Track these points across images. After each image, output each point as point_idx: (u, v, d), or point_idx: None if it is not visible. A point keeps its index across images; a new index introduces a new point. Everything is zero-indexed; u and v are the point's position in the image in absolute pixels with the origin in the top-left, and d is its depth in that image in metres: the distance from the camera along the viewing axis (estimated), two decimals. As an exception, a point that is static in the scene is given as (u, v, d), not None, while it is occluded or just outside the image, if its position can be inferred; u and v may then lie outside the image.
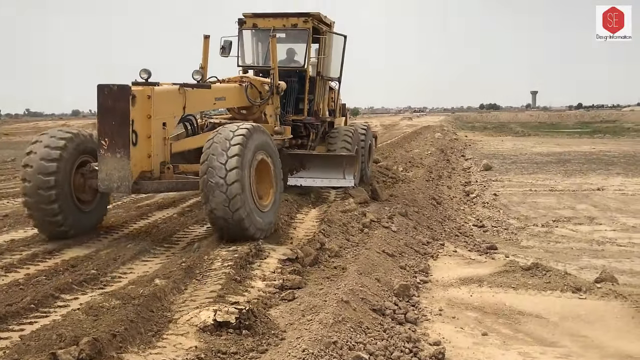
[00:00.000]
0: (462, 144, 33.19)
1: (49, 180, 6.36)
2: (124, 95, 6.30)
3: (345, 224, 7.92)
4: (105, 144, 6.32)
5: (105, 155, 6.33)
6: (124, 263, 5.82)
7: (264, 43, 10.16)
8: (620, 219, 10.78)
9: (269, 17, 10.21)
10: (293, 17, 10.05)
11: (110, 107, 6.34)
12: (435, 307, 5.44)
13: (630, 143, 32.20)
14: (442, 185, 14.79)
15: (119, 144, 6.30)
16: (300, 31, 10.03)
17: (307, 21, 9.97)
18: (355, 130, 11.18)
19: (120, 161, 6.30)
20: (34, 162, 6.44)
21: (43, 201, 6.38)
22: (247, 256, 5.65)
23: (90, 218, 7.14)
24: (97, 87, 6.39)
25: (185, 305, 4.53)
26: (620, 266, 7.69)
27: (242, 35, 10.30)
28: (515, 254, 8.19)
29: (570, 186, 15.02)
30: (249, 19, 10.22)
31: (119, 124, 6.31)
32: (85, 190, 6.91)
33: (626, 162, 20.99)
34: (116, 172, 6.31)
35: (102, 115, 6.38)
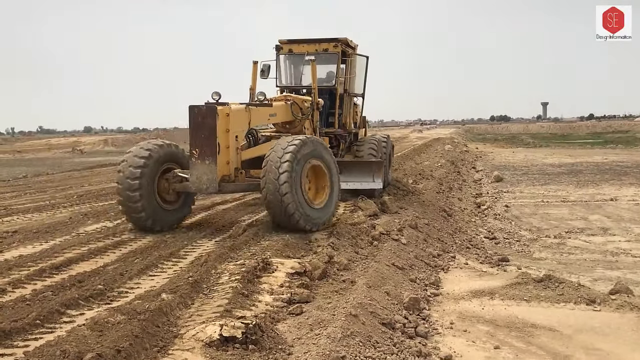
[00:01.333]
0: (472, 155, 33.03)
1: (134, 184, 7.82)
2: (212, 113, 7.82)
3: (355, 236, 7.85)
4: (196, 153, 7.86)
5: (195, 162, 7.86)
6: (131, 278, 5.78)
7: (298, 66, 11.52)
8: (634, 229, 10.60)
9: (303, 43, 11.39)
10: (324, 42, 11.23)
11: (200, 123, 7.86)
12: (447, 320, 5.35)
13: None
14: (452, 197, 14.67)
15: (208, 152, 7.81)
16: (331, 55, 11.20)
17: (336, 46, 11.15)
18: (379, 140, 12.45)
19: (208, 167, 7.80)
20: (124, 169, 7.98)
21: (130, 200, 7.85)
22: (254, 270, 5.59)
23: (173, 215, 8.50)
24: (188, 107, 7.92)
25: (192, 320, 4.48)
26: (636, 277, 7.53)
27: (279, 60, 11.47)
28: (527, 266, 8.06)
29: (583, 197, 14.83)
30: (285, 45, 11.41)
31: (207, 137, 7.82)
32: (169, 192, 8.33)
33: (639, 172, 20.74)
34: (205, 176, 7.80)
35: (193, 130, 7.92)
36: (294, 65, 11.63)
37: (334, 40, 11.20)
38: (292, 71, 11.66)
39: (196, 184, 7.92)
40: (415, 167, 19.28)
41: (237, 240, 7.27)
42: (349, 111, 11.94)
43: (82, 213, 10.03)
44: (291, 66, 11.65)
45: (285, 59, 11.56)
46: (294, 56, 11.51)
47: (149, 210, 7.97)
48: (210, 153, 7.81)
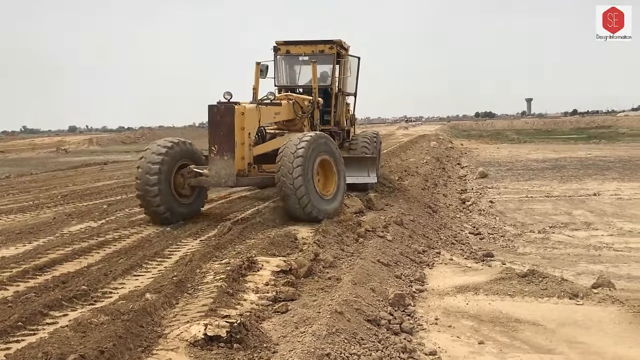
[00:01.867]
0: (457, 152, 33.21)
1: (153, 179, 8.34)
2: (230, 112, 8.40)
3: (340, 234, 7.85)
4: (215, 149, 8.40)
5: (215, 158, 8.40)
6: (115, 278, 5.73)
7: (295, 66, 12.09)
8: (616, 223, 10.73)
9: (300, 45, 11.83)
10: (320, 44, 11.68)
11: (218, 121, 8.42)
12: (431, 316, 5.38)
13: (625, 148, 32.24)
14: (438, 193, 14.74)
15: (226, 148, 8.37)
16: (327, 56, 11.63)
17: (332, 47, 11.59)
18: (371, 136, 12.91)
19: (227, 162, 8.36)
20: (142, 165, 8.46)
21: (148, 194, 8.34)
22: (239, 269, 5.58)
23: (188, 209, 9.02)
24: (208, 106, 8.49)
25: (176, 319, 4.46)
26: (618, 271, 7.63)
27: (277, 60, 11.87)
28: (511, 261, 8.13)
29: (567, 192, 14.98)
30: (283, 46, 11.81)
31: (225, 134, 8.38)
32: (184, 187, 8.80)
33: (622, 167, 20.98)
34: (223, 170, 8.36)
35: (212, 128, 8.48)
36: (292, 65, 12.12)
37: (329, 42, 11.63)
38: (290, 71, 12.14)
39: (215, 178, 8.49)
40: (401, 164, 19.32)
41: (222, 239, 7.24)
42: (342, 109, 12.45)
43: (66, 213, 9.94)
44: (288, 66, 12.10)
45: (283, 59, 11.96)
46: (291, 57, 11.94)
47: (166, 203, 8.49)
48: (228, 149, 8.38)
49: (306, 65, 11.69)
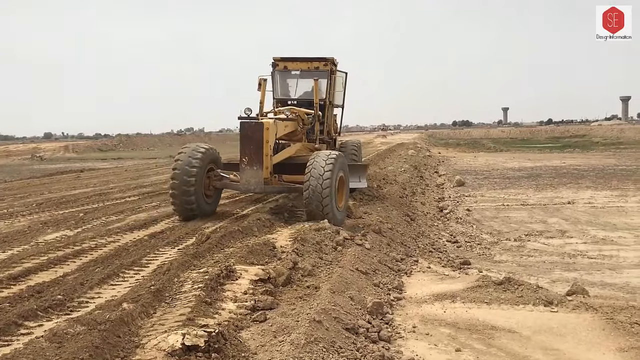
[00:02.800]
0: (435, 160, 33.50)
1: (190, 180, 9.44)
2: (259, 127, 9.37)
3: (319, 242, 7.86)
4: (245, 160, 9.41)
5: (245, 168, 9.43)
6: (91, 287, 5.68)
7: (292, 80, 12.80)
8: (590, 231, 10.92)
9: (297, 61, 12.55)
10: (315, 61, 12.43)
11: (249, 136, 9.40)
12: (409, 324, 5.42)
13: (599, 157, 32.85)
14: (416, 201, 14.84)
15: (255, 160, 9.37)
16: (321, 72, 12.31)
17: (326, 64, 12.33)
18: (357, 145, 14.45)
19: (256, 172, 9.36)
20: (180, 167, 9.52)
21: (185, 193, 9.45)
22: (218, 277, 5.56)
23: (210, 207, 10.19)
24: (240, 122, 9.57)
25: (154, 329, 4.43)
26: (591, 278, 7.77)
27: (277, 75, 12.53)
28: (488, 269, 8.23)
29: (542, 200, 15.20)
30: (280, 62, 12.50)
31: (255, 147, 9.36)
32: (209, 188, 10.03)
33: (595, 175, 21.36)
34: (253, 179, 9.39)
35: (243, 141, 9.47)
36: (290, 79, 12.85)
37: (323, 59, 12.39)
38: (287, 85, 12.88)
39: (245, 185, 9.62)
40: (379, 172, 19.37)
41: (201, 247, 7.21)
42: (331, 120, 13.20)
43: (41, 222, 9.81)
44: (285, 81, 12.81)
45: (281, 74, 12.62)
46: (287, 72, 12.64)
47: (197, 201, 9.62)
48: (257, 160, 9.37)
49: (302, 80, 12.59)
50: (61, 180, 19.76)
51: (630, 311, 5.57)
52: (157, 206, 11.65)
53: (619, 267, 8.36)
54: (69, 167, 29.14)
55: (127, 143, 70.79)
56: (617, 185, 18.00)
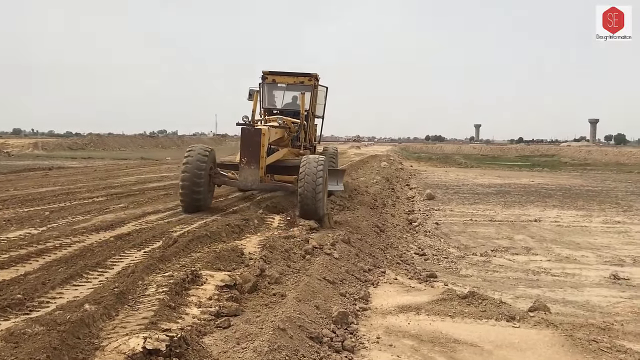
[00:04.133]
0: (407, 173, 33.78)
1: (201, 174, 10.69)
2: (258, 133, 10.82)
3: (288, 250, 7.86)
4: (244, 161, 10.80)
5: (244, 167, 10.80)
6: (53, 287, 5.56)
7: (278, 92, 14.42)
8: (555, 249, 11.12)
9: (284, 75, 14.12)
10: (301, 76, 14.02)
11: (248, 140, 10.81)
12: (373, 334, 5.43)
13: (567, 177, 33.53)
14: (386, 213, 14.94)
15: (253, 161, 10.75)
16: (306, 86, 13.90)
17: (310, 79, 13.92)
18: (336, 152, 16.13)
19: (254, 171, 10.76)
20: (191, 163, 10.72)
21: (195, 186, 10.63)
22: (183, 282, 5.51)
23: (209, 201, 11.40)
24: (241, 129, 10.98)
25: (115, 332, 4.36)
26: (554, 295, 7.90)
27: (265, 87, 14.01)
28: (454, 283, 8.31)
29: (509, 217, 15.44)
30: (269, 76, 13.99)
31: (253, 150, 10.74)
32: (209, 184, 11.19)
33: (562, 195, 21.79)
34: (250, 177, 10.78)
35: (243, 144, 10.89)
36: (277, 92, 14.42)
37: (308, 75, 13.95)
38: (274, 96, 14.44)
39: (244, 182, 11.01)
40: (351, 183, 19.47)
41: (167, 251, 7.13)
42: (313, 129, 14.67)
43: (4, 219, 9.57)
44: (272, 92, 14.35)
45: (269, 86, 14.13)
46: (275, 85, 14.20)
47: (204, 194, 10.88)
48: (255, 161, 10.75)
49: (287, 92, 14.31)
50: (28, 178, 19.35)
51: (589, 329, 5.69)
52: (125, 207, 11.50)
53: (580, 285, 8.53)
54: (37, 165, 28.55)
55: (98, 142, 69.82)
56: (582, 205, 18.39)
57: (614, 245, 11.63)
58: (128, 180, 18.86)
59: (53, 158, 38.86)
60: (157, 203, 12.43)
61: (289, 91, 14.36)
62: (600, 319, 6.68)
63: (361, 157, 43.54)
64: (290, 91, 14.38)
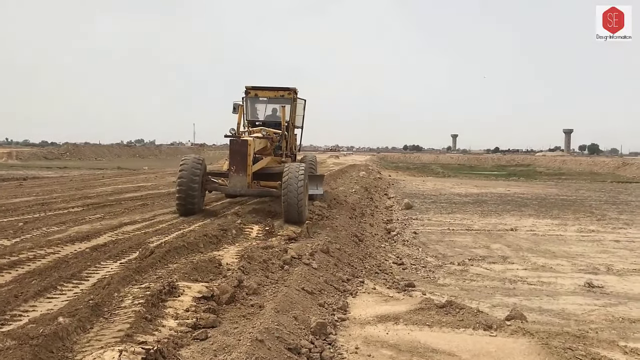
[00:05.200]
0: (385, 183, 33.93)
1: (195, 179, 12.11)
2: (245, 144, 12.02)
3: (266, 260, 7.83)
4: (234, 169, 12.03)
5: (233, 175, 12.05)
6: (26, 300, 5.47)
7: (260, 105, 15.52)
8: (531, 258, 11.24)
9: (265, 90, 15.21)
10: (281, 90, 15.16)
11: (237, 150, 12.00)
12: (352, 345, 5.43)
13: (542, 186, 34.00)
14: (364, 222, 14.97)
15: (241, 169, 12.00)
16: (286, 99, 15.07)
17: (290, 93, 15.07)
18: (314, 159, 17.44)
19: (242, 178, 12.01)
20: (186, 170, 12.12)
21: (190, 190, 12.02)
22: (159, 293, 5.45)
23: (201, 205, 12.70)
24: (230, 140, 12.18)
25: (90, 345, 4.30)
26: (530, 304, 7.98)
27: (248, 100, 15.10)
28: (432, 292, 8.34)
29: (486, 226, 15.58)
30: (252, 90, 15.10)
31: (241, 159, 11.99)
32: (202, 190, 12.56)
33: (538, 204, 22.07)
34: (239, 183, 12.03)
35: (232, 154, 12.07)
36: (259, 105, 15.50)
37: (288, 89, 15.07)
38: (256, 109, 15.50)
39: (233, 188, 12.23)
40: (330, 192, 19.48)
41: (144, 262, 7.05)
42: (293, 139, 15.75)
43: (-24, 230, 9.40)
44: (255, 105, 15.44)
45: (251, 100, 15.22)
46: (257, 98, 15.29)
47: (198, 199, 12.28)
48: (243, 169, 11.99)
49: (269, 105, 15.41)
50: (2, 188, 19.01)
51: (564, 337, 5.75)
52: (102, 218, 11.36)
53: (556, 293, 8.62)
54: (11, 175, 28.12)
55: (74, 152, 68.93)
56: (557, 214, 18.64)
57: (588, 253, 11.80)
58: (104, 190, 18.64)
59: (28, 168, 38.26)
60: (134, 213, 12.31)
61: (270, 104, 15.48)
62: (576, 326, 6.77)
63: (340, 167, 43.64)
64: (271, 104, 15.49)
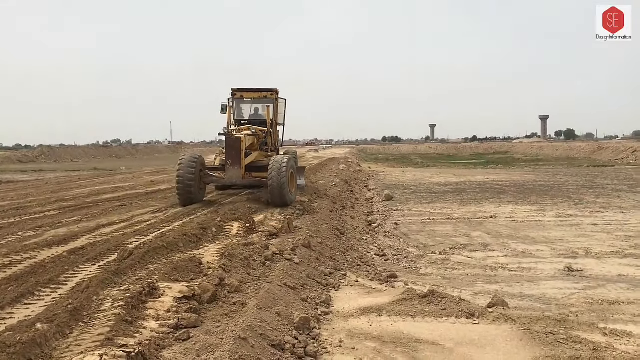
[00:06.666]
0: (365, 175, 34.01)
1: (192, 171, 13.93)
2: (238, 141, 14.09)
3: (247, 257, 7.78)
4: (230, 163, 13.99)
5: (229, 167, 14.03)
6: (2, 307, 5.36)
7: (245, 105, 17.30)
8: (511, 245, 11.34)
9: (250, 91, 16.94)
10: (264, 91, 16.91)
11: (231, 146, 14.03)
12: (336, 338, 5.42)
13: (520, 173, 34.34)
14: (346, 215, 14.98)
15: (236, 162, 13.98)
16: (269, 99, 16.87)
17: (272, 94, 16.84)
18: (295, 153, 19.77)
19: (237, 170, 14.00)
20: (184, 163, 14.05)
21: (187, 186, 13.85)
22: (139, 295, 5.38)
23: (201, 196, 14.61)
24: (225, 138, 14.46)
25: (70, 350, 4.23)
26: (511, 290, 8.04)
27: (234, 101, 16.81)
28: (414, 282, 8.37)
29: (466, 214, 15.68)
30: (238, 92, 16.79)
31: (235, 153, 13.98)
32: (200, 183, 14.43)
33: (516, 190, 22.29)
34: (234, 175, 14.06)
35: (227, 149, 14.15)
36: (245, 105, 17.25)
37: (270, 90, 16.80)
38: (241, 109, 17.21)
39: (229, 179, 14.32)
40: (310, 186, 19.48)
41: (123, 264, 6.96)
42: (276, 135, 17.40)
43: (-51, 237, 9.20)
44: (240, 106, 17.14)
45: (237, 101, 16.91)
46: (242, 99, 17.00)
47: (195, 191, 14.05)
48: (237, 162, 13.98)
49: (253, 105, 17.20)
50: (-25, 194, 18.65)
51: (545, 322, 5.80)
52: (79, 221, 11.20)
53: (536, 279, 8.71)
54: (-16, 180, 27.57)
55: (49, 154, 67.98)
56: (536, 200, 18.84)
57: (567, 238, 11.94)
58: (81, 192, 18.40)
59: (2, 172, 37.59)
60: (111, 215, 12.17)
61: (254, 104, 17.26)
62: (556, 311, 6.84)
63: (320, 161, 43.63)
64: (255, 104, 17.27)
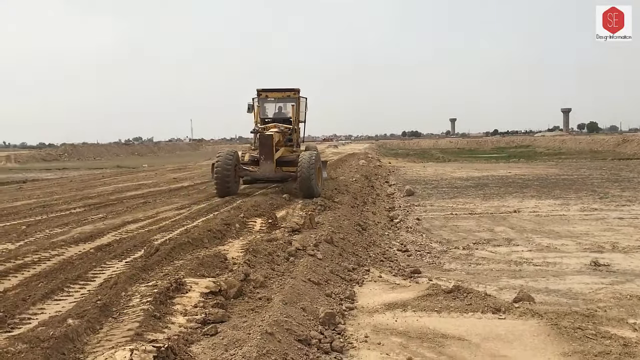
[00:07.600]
0: (385, 170, 33.92)
1: (228, 166, 15.17)
2: (270, 137, 15.44)
3: (271, 253, 7.83)
4: (263, 157, 15.41)
5: (263, 162, 15.46)
6: (34, 303, 5.47)
7: (270, 105, 18.38)
8: (535, 239, 11.23)
9: (274, 91, 17.89)
10: (287, 91, 17.88)
11: (264, 142, 15.38)
12: (361, 333, 5.43)
13: (543, 167, 33.97)
14: (367, 211, 14.96)
15: (269, 157, 15.41)
16: (292, 98, 17.82)
17: (295, 93, 17.74)
18: (316, 148, 20.14)
19: (270, 164, 15.43)
20: (221, 159, 15.18)
21: (226, 173, 15.08)
22: (167, 291, 5.45)
23: (236, 188, 15.79)
24: (259, 135, 15.88)
25: (100, 345, 4.30)
26: (537, 285, 7.97)
27: (260, 101, 17.79)
28: (438, 277, 8.34)
29: (489, 209, 15.57)
30: (263, 92, 17.72)
31: (268, 149, 15.38)
32: (236, 176, 15.69)
33: (539, 184, 22.05)
34: (267, 168, 15.47)
35: (261, 146, 15.51)
36: (270, 104, 18.34)
37: (293, 90, 17.74)
38: (265, 108, 18.27)
39: (263, 172, 15.66)
40: (331, 182, 19.51)
41: (149, 260, 7.06)
42: (298, 132, 18.19)
43: (-21, 235, 9.39)
44: (268, 105, 18.29)
45: (262, 100, 17.87)
46: (266, 99, 17.99)
47: (232, 183, 15.33)
48: (270, 157, 15.38)
49: (277, 104, 18.33)
50: (2, 192, 19.02)
51: (573, 316, 5.75)
52: (104, 218, 11.36)
53: (562, 273, 8.62)
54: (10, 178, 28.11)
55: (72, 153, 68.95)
56: (559, 194, 18.63)
57: (592, 232, 11.79)
58: (105, 189, 18.64)
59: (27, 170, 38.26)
60: (136, 212, 12.31)
61: (277, 103, 18.36)
62: (584, 306, 6.77)
63: (339, 156, 43.63)
64: (279, 103, 18.38)
